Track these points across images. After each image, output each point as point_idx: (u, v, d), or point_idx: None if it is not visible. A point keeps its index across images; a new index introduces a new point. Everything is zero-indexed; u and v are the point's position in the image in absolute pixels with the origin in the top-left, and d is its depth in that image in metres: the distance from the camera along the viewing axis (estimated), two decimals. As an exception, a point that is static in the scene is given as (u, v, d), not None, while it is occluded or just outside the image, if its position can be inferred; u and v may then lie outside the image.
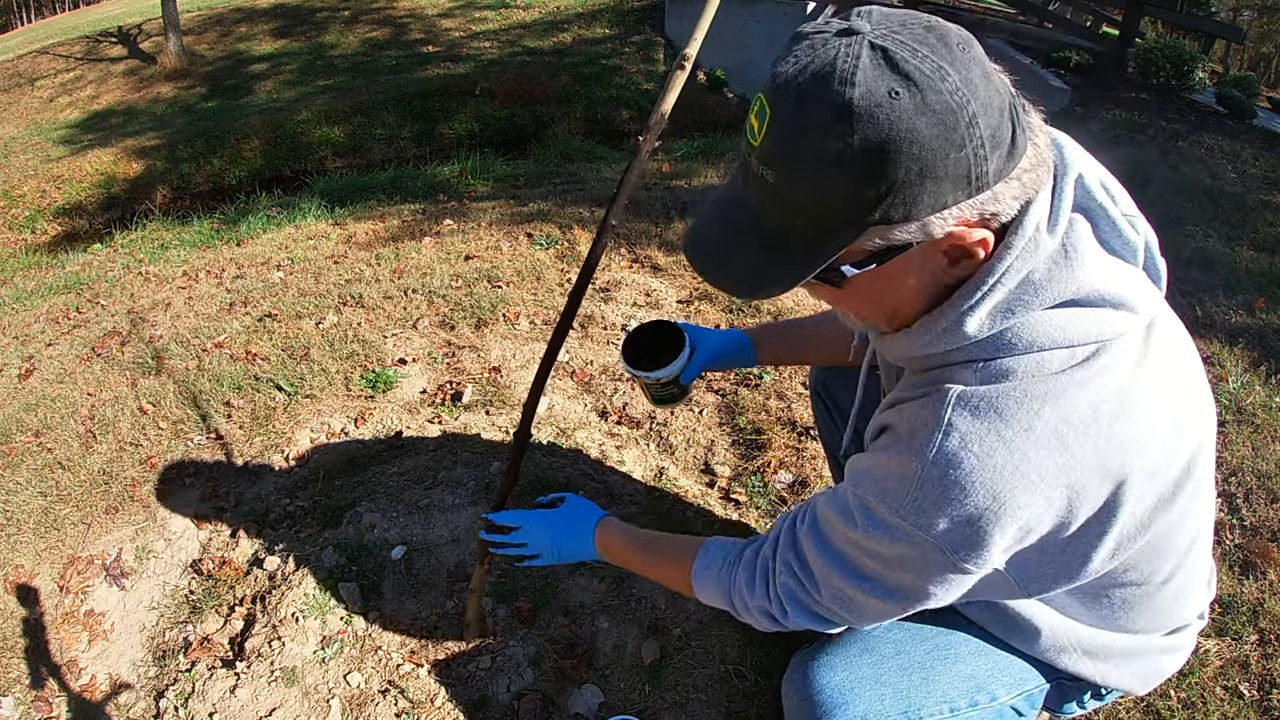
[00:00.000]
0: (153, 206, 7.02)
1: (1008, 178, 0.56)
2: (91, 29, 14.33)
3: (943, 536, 0.62)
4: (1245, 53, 21.24)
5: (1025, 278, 0.60)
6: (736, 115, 9.68)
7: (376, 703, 1.30)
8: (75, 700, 1.39)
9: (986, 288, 0.60)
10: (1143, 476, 0.63)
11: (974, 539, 0.61)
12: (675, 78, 0.87)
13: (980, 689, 0.82)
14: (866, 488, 0.68)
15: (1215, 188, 4.12)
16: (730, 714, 1.27)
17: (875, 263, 0.59)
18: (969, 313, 0.61)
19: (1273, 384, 2.09)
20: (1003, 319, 0.61)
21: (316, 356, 2.33)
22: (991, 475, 0.59)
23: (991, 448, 0.59)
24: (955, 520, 0.61)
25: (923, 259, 0.60)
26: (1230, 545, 1.55)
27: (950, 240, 0.58)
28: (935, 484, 0.61)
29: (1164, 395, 0.64)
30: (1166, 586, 0.76)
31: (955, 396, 0.62)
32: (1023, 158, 0.57)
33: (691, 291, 2.71)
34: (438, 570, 1.54)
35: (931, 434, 0.62)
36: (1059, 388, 0.60)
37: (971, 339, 0.62)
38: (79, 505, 1.83)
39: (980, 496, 0.60)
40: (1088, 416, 0.60)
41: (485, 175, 4.82)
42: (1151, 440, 0.63)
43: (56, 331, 2.79)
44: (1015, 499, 0.60)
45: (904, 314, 0.67)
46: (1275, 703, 1.24)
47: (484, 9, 13.15)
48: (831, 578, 0.74)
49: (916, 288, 0.63)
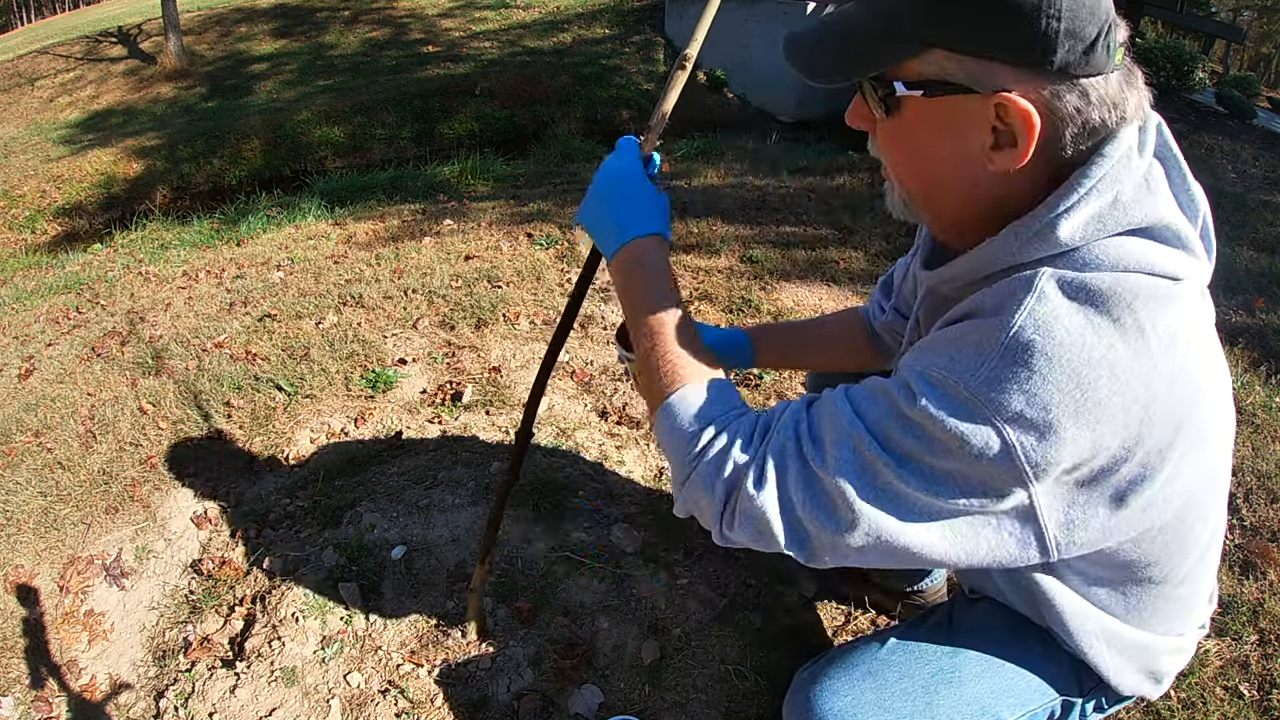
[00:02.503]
0: (153, 206, 7.02)
1: (1075, 82, 0.57)
2: (91, 29, 14.34)
3: (1014, 419, 0.56)
4: (1245, 53, 21.24)
5: (1116, 196, 0.60)
6: (737, 115, 9.69)
7: (376, 703, 1.30)
8: (75, 700, 1.39)
9: (1084, 190, 0.60)
10: (1193, 431, 0.60)
11: (1046, 429, 0.55)
12: (676, 78, 0.87)
13: (984, 712, 0.82)
14: (931, 360, 0.61)
15: (1215, 188, 4.13)
16: (730, 714, 1.27)
17: (924, 90, 0.60)
18: (1064, 215, 0.60)
19: (1273, 384, 2.09)
20: (1095, 229, 0.60)
21: (316, 356, 2.33)
22: (1078, 355, 0.55)
23: (1081, 327, 0.56)
24: (1032, 400, 0.55)
25: (968, 118, 0.60)
26: (1230, 545, 1.55)
27: (997, 102, 0.58)
28: (1019, 352, 0.56)
29: (1216, 365, 0.64)
30: (1181, 588, 0.77)
31: (1049, 273, 0.59)
32: (1100, 77, 0.58)
33: (691, 292, 2.71)
34: (438, 570, 1.54)
35: (1022, 301, 0.58)
36: (1147, 292, 0.58)
37: (1064, 246, 0.61)
38: (79, 505, 1.83)
39: (1064, 376, 0.55)
40: (1170, 334, 0.58)
41: (485, 175, 4.82)
42: (1211, 395, 0.61)
43: (56, 331, 2.79)
44: (1097, 391, 0.55)
45: (941, 197, 0.67)
46: (1275, 703, 1.24)
47: (484, 9, 13.16)
48: (855, 441, 0.62)
49: (957, 158, 0.63)
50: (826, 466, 0.63)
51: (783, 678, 1.29)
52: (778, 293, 2.66)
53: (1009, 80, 0.57)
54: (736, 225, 3.36)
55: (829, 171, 4.42)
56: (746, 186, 4.07)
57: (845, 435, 0.63)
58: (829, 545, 0.64)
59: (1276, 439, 1.85)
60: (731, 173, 4.44)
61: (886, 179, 0.74)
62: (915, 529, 0.62)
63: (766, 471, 0.65)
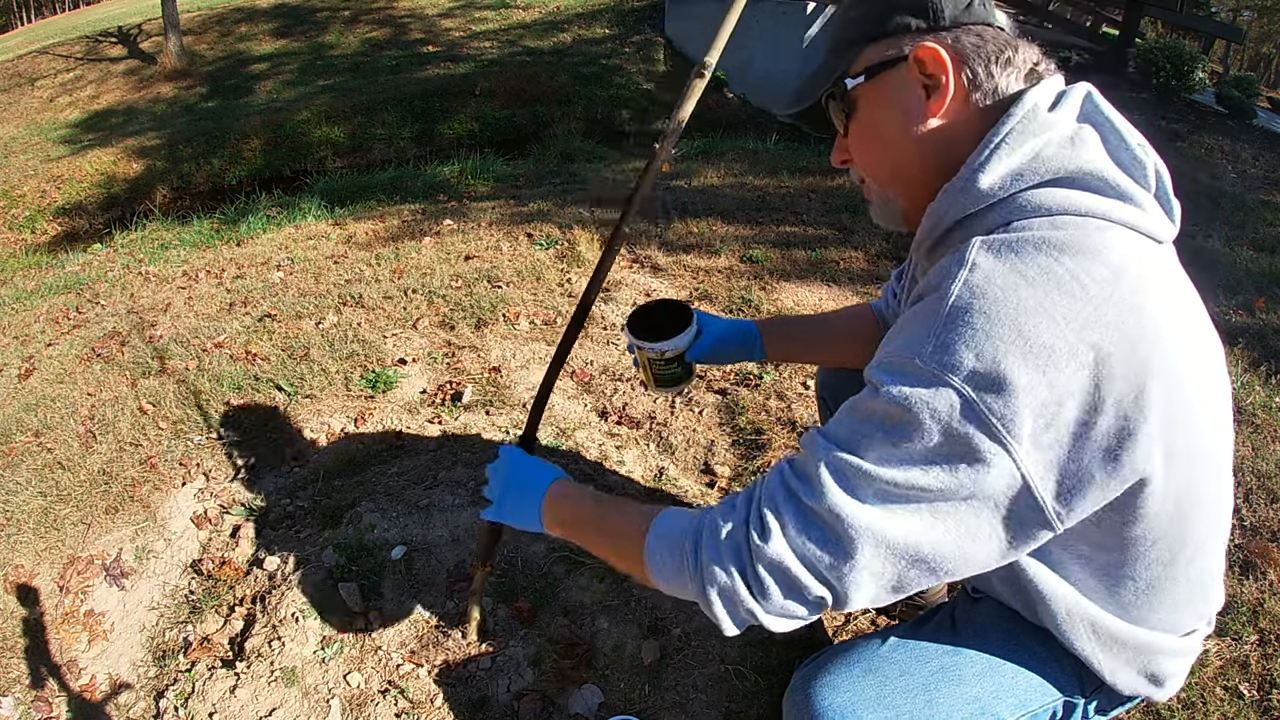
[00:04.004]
0: (153, 206, 7.01)
1: (969, 27, 0.71)
2: (91, 29, 14.33)
3: (969, 377, 0.59)
4: (1245, 53, 21.24)
5: (1037, 153, 0.66)
6: (737, 115, 9.68)
7: (376, 703, 1.30)
8: (75, 700, 1.39)
9: (995, 142, 0.67)
10: (1167, 382, 0.60)
11: (1000, 381, 0.58)
12: (694, 85, 0.89)
13: (984, 710, 0.82)
14: (887, 350, 0.66)
15: (1215, 187, 4.12)
16: (730, 714, 1.27)
17: (865, 75, 0.74)
18: (981, 168, 0.67)
19: (1273, 384, 2.09)
20: (1015, 182, 0.66)
21: (316, 356, 2.33)
22: (1014, 309, 0.59)
23: (1014, 283, 0.60)
24: (981, 356, 0.59)
25: (901, 85, 0.73)
26: (1230, 545, 1.55)
27: (915, 56, 0.70)
28: (960, 317, 0.60)
29: (1187, 319, 0.66)
30: (1178, 584, 0.76)
31: (978, 242, 0.65)
32: (992, 29, 0.72)
33: (691, 292, 2.71)
34: (438, 570, 1.54)
35: (955, 274, 0.63)
36: (1076, 240, 0.62)
37: (986, 196, 0.67)
38: (79, 505, 1.83)
39: (1005, 328, 0.58)
40: (1109, 275, 0.61)
41: (485, 175, 4.82)
42: (1179, 344, 0.62)
43: (56, 331, 2.79)
44: (1040, 337, 0.58)
45: (906, 171, 0.75)
46: (1275, 703, 1.24)
47: (484, 9, 13.15)
48: (835, 461, 0.64)
49: (905, 123, 0.73)
50: (816, 496, 0.64)
51: (783, 678, 1.29)
52: (778, 293, 2.66)
53: (920, 40, 0.71)
54: (736, 225, 3.36)
55: (829, 171, 4.42)
56: (746, 186, 4.07)
57: (825, 460, 0.65)
58: (850, 579, 0.64)
59: (1276, 439, 1.85)
60: (731, 173, 4.43)
61: (868, 195, 0.83)
62: (917, 529, 0.62)
63: (767, 522, 0.67)
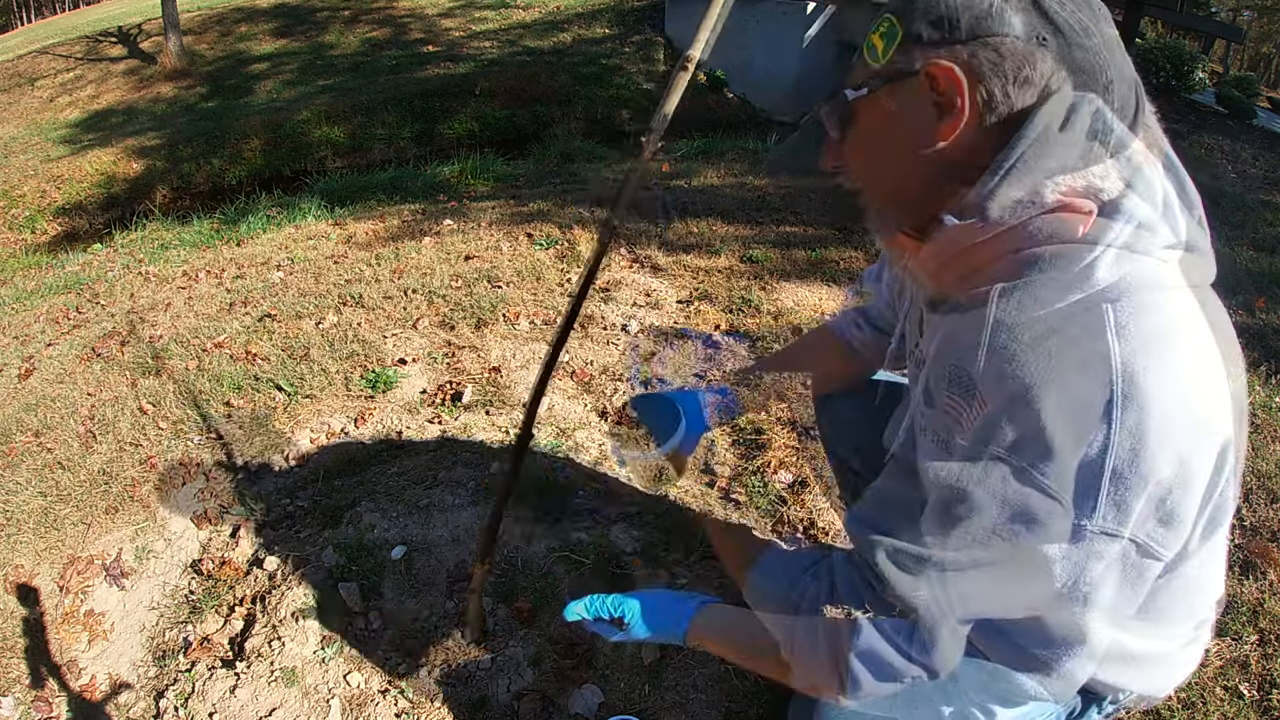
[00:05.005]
0: (153, 206, 7.01)
1: (983, 41, 0.62)
2: (91, 29, 14.34)
3: (1013, 448, 0.60)
4: (1245, 53, 21.25)
5: (1050, 177, 0.63)
6: (737, 115, 9.68)
7: (376, 703, 1.30)
8: (75, 700, 1.39)
9: (1004, 169, 0.62)
10: None
11: (1047, 450, 0.58)
12: (678, 79, 0.87)
13: (989, 711, 0.82)
14: (927, 459, 0.68)
15: (1215, 187, 4.12)
16: (730, 714, 1.27)
17: (868, 88, 0.67)
18: (990, 195, 0.63)
19: (1273, 384, 2.09)
20: (1024, 210, 0.63)
21: (316, 356, 2.33)
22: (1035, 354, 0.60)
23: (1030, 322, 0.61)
24: (1013, 412, 0.60)
25: (909, 100, 0.65)
26: (1230, 545, 1.55)
27: (927, 72, 0.63)
28: (1007, 403, 0.60)
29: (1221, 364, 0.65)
30: (1175, 582, 0.75)
31: (998, 290, 0.64)
32: (1009, 41, 0.63)
33: (691, 292, 2.71)
34: (438, 570, 1.54)
35: (979, 335, 0.63)
36: (1085, 274, 0.61)
37: (996, 225, 0.64)
38: (79, 505, 1.83)
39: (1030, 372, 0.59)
40: (1128, 313, 0.59)
41: (485, 175, 4.82)
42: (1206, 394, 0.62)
43: (56, 331, 2.79)
44: (1065, 377, 0.58)
45: (907, 189, 0.69)
46: (1275, 703, 1.24)
47: (484, 9, 13.16)
48: (930, 523, 0.66)
49: (913, 143, 0.66)
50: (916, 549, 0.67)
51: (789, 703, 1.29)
52: (778, 293, 2.66)
53: (931, 58, 0.63)
54: (736, 225, 3.36)
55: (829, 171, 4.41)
56: (746, 186, 4.06)
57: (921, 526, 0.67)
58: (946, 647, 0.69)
59: (1276, 439, 1.85)
60: (731, 173, 4.43)
61: (860, 203, 0.76)
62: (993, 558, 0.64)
63: (882, 570, 0.69)
